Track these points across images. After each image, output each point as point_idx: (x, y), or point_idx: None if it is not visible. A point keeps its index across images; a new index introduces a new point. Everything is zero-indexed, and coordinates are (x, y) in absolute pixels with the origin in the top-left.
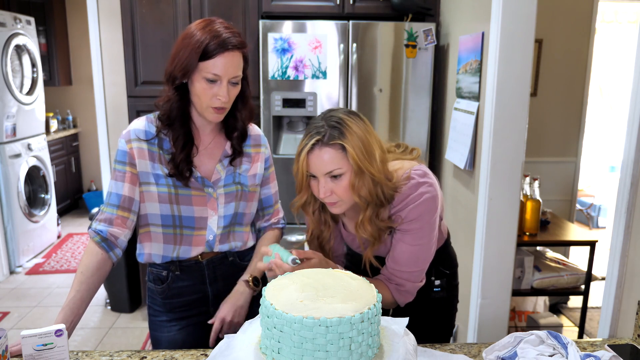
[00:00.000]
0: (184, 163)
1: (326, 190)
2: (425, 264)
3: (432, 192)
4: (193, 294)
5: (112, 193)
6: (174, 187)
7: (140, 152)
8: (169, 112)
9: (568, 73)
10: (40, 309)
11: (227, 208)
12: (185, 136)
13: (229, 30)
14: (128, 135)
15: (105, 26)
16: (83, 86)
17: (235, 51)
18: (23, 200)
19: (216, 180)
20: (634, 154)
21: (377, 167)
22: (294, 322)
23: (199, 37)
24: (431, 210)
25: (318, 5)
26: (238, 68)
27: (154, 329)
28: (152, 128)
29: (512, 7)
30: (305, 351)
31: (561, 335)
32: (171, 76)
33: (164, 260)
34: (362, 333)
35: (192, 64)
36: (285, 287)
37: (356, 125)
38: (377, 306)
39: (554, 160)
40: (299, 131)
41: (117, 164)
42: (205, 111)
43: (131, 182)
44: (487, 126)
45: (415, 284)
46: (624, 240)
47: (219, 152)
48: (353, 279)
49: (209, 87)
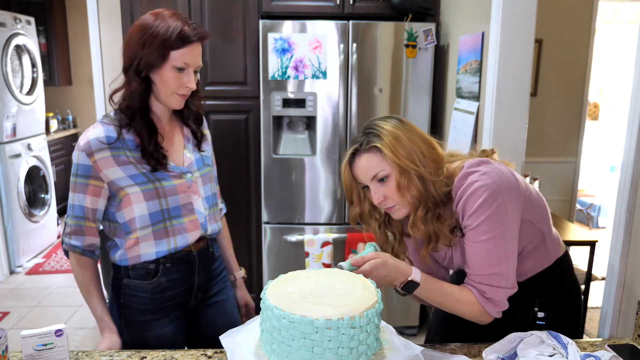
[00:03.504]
0: (156, 151)
1: (378, 195)
2: (502, 265)
3: (485, 180)
4: (181, 286)
5: (74, 205)
6: (157, 181)
7: (106, 162)
8: (132, 103)
9: (568, 73)
10: (40, 309)
11: (206, 189)
12: (148, 126)
13: (189, 23)
14: (89, 148)
15: (105, 26)
16: (83, 86)
17: (199, 42)
18: (23, 200)
19: (189, 165)
20: (634, 154)
21: (422, 163)
22: (291, 321)
23: (169, 27)
24: (488, 200)
25: (318, 5)
26: (200, 58)
27: (136, 329)
28: (111, 130)
29: (512, 7)
30: (302, 349)
31: (561, 335)
32: (137, 69)
33: (157, 256)
34: (352, 337)
35: (163, 55)
36: (285, 287)
37: (390, 125)
38: (371, 313)
39: (554, 160)
40: (299, 131)
41: (77, 178)
42: (170, 98)
43: (93, 194)
44: (487, 126)
45: (498, 289)
46: (624, 240)
47: (181, 139)
48: (362, 285)
49: (178, 76)
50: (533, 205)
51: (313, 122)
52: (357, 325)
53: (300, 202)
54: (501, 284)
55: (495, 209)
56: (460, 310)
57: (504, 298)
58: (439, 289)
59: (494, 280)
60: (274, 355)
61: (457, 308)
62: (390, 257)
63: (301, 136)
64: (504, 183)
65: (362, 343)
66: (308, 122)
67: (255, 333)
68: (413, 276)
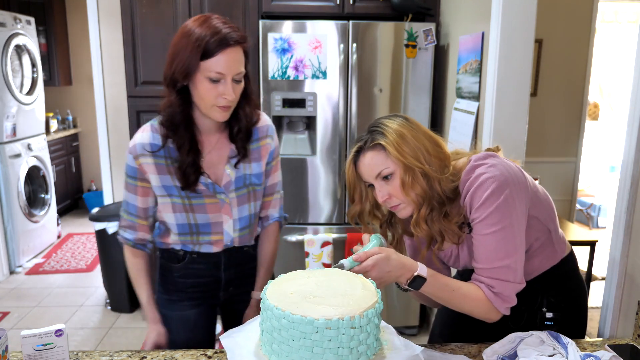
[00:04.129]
0: (190, 169)
1: (383, 193)
2: (510, 258)
3: (492, 172)
4: (206, 277)
5: (128, 203)
6: (187, 198)
7: (148, 167)
8: (171, 117)
9: (568, 73)
10: (40, 309)
11: (241, 210)
12: (190, 141)
13: (228, 25)
14: (135, 151)
15: (105, 26)
16: (83, 86)
17: (236, 46)
18: (23, 200)
19: (227, 184)
20: (634, 154)
21: (427, 161)
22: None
23: (198, 35)
24: (495, 192)
25: (318, 5)
26: (240, 64)
27: (164, 306)
28: (157, 138)
29: (512, 7)
30: (302, 349)
31: (561, 335)
32: (172, 80)
33: (184, 249)
34: (352, 337)
35: (194, 65)
36: (285, 287)
37: (396, 123)
38: (371, 313)
39: (554, 160)
40: (299, 131)
41: (128, 178)
42: (211, 110)
43: (143, 195)
44: (487, 126)
45: (507, 283)
46: (624, 240)
47: (225, 154)
48: (362, 285)
49: (213, 87)
50: (540, 201)
51: (313, 122)
52: (357, 325)
53: (300, 202)
54: (509, 277)
55: (503, 200)
56: (468, 308)
57: (513, 293)
58: (446, 285)
59: (502, 273)
60: (274, 355)
61: (464, 305)
62: (394, 253)
63: (301, 136)
64: (512, 176)
65: (362, 343)
66: (308, 122)
67: (255, 333)
68: (419, 271)
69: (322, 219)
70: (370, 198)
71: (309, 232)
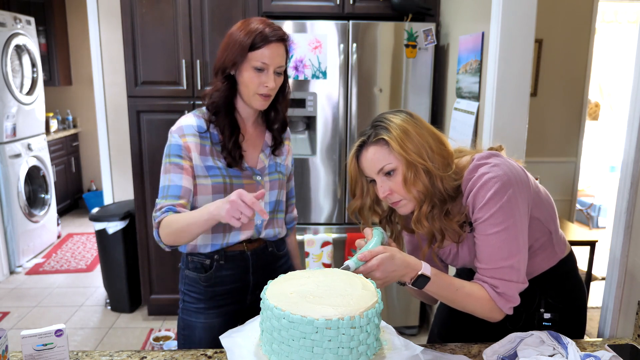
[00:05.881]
0: (234, 149)
1: (384, 189)
2: (513, 258)
3: (495, 171)
4: (235, 283)
5: (170, 186)
6: (228, 178)
7: (193, 146)
8: (217, 100)
9: (568, 73)
10: (40, 309)
11: (272, 195)
12: (231, 124)
13: (271, 25)
14: (181, 131)
15: (105, 26)
16: (83, 86)
17: (279, 43)
18: (23, 200)
19: (262, 168)
20: (634, 154)
21: (430, 158)
22: (291, 321)
23: (250, 30)
24: (499, 192)
25: (318, 5)
26: (282, 58)
27: (188, 315)
28: (202, 122)
29: (512, 7)
30: (302, 349)
31: (561, 335)
32: (221, 68)
33: (212, 249)
34: (352, 337)
35: (242, 55)
36: (285, 287)
37: (399, 119)
38: (371, 313)
39: (554, 160)
40: (299, 131)
41: (173, 157)
42: (252, 98)
43: (188, 174)
44: (487, 126)
45: (510, 283)
46: (624, 240)
47: (260, 143)
48: (362, 285)
49: (256, 76)
50: (542, 202)
51: (313, 122)
52: (357, 325)
53: (300, 202)
54: (513, 277)
55: (507, 200)
56: (471, 307)
57: (516, 293)
58: (450, 284)
59: (505, 274)
60: (274, 355)
61: (468, 304)
62: (399, 252)
63: (301, 136)
64: (515, 175)
65: (362, 343)
66: (308, 122)
67: (255, 333)
68: (423, 270)
69: (322, 219)
70: (371, 193)
71: (309, 232)
